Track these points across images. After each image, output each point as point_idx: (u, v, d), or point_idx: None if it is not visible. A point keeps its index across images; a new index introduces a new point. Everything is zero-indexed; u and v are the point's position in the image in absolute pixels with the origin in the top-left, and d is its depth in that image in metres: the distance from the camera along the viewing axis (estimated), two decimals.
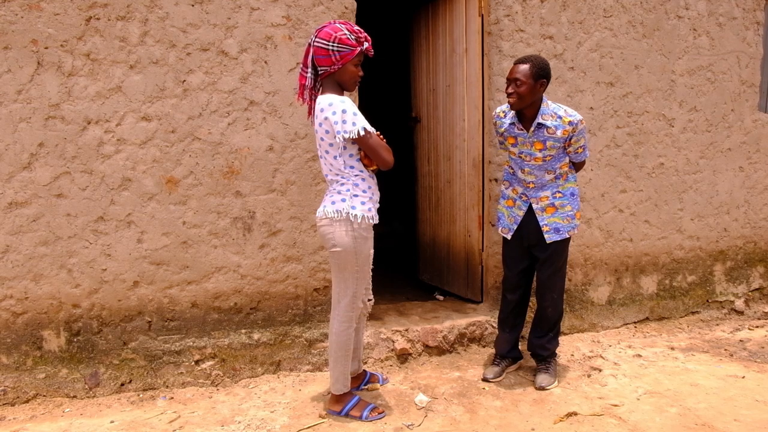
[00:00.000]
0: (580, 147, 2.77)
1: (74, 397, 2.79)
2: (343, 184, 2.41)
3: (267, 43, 2.93)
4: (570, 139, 2.70)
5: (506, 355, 3.05)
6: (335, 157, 2.38)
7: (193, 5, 2.80)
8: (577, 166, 2.92)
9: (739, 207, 4.14)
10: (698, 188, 3.98)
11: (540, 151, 2.71)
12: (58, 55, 2.67)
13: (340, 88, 2.42)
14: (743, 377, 2.99)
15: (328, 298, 3.16)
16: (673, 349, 3.42)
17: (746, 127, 4.06)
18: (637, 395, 2.78)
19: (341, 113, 2.28)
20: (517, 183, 2.89)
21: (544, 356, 2.95)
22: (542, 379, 2.89)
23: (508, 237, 2.93)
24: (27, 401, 2.74)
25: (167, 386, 2.89)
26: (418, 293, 4.11)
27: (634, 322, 3.86)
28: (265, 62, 2.94)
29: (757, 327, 3.84)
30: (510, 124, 2.77)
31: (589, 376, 3.02)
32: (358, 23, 3.08)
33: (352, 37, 2.33)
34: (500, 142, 2.94)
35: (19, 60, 2.64)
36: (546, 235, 2.82)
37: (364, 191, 2.42)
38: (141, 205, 2.85)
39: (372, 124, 2.41)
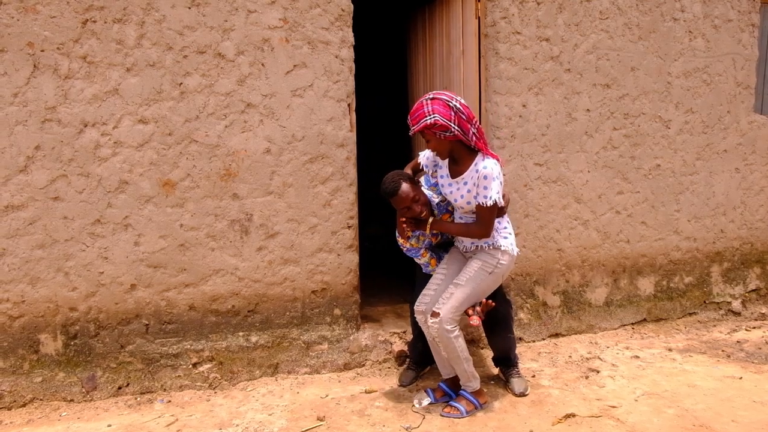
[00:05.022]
0: None
1: (71, 400, 2.78)
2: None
3: (264, 46, 2.93)
4: None
5: (420, 362, 3.04)
6: None
7: (189, 8, 2.80)
8: None
9: (736, 208, 4.15)
10: (695, 190, 3.99)
11: None
12: (55, 57, 2.67)
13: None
14: (740, 378, 2.99)
15: (325, 301, 3.16)
16: (670, 350, 3.43)
17: (742, 128, 4.07)
18: (635, 396, 2.78)
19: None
20: None
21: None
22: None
23: None
24: (24, 405, 2.73)
25: (165, 389, 2.89)
26: None
27: (632, 324, 3.86)
28: (262, 65, 2.94)
29: (754, 328, 3.85)
30: None
31: (587, 377, 3.02)
32: (354, 25, 3.09)
33: None
34: None
35: (15, 63, 2.63)
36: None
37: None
38: (138, 208, 2.85)
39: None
